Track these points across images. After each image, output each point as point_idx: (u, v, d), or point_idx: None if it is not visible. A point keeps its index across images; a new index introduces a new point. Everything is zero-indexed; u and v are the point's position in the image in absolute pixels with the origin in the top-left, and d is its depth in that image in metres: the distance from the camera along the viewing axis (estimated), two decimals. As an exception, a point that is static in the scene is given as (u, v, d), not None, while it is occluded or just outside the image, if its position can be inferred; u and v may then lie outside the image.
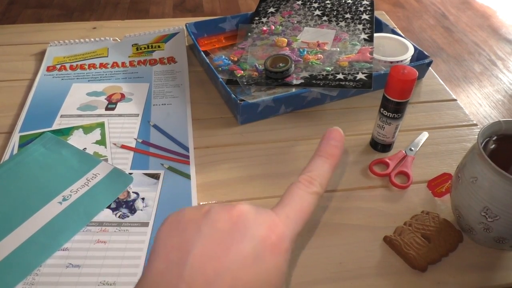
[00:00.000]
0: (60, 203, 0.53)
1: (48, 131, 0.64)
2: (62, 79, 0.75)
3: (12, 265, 0.47)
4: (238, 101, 0.65)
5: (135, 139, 0.64)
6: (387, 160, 0.62)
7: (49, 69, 0.78)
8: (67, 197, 0.54)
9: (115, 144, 0.63)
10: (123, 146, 0.62)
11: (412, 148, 0.65)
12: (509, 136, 0.50)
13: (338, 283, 0.48)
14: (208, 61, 0.74)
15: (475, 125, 0.71)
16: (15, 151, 0.61)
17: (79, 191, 0.55)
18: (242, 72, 0.74)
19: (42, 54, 0.83)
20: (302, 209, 0.29)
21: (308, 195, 0.30)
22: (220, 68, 0.76)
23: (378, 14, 0.96)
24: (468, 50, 2.39)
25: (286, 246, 0.27)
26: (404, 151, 0.64)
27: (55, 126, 0.65)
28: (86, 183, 0.56)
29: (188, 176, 0.58)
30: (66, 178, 0.56)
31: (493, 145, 0.49)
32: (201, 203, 0.56)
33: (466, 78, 2.14)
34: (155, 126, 0.66)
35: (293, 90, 0.70)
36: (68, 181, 0.56)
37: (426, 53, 0.78)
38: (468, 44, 2.44)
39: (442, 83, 0.80)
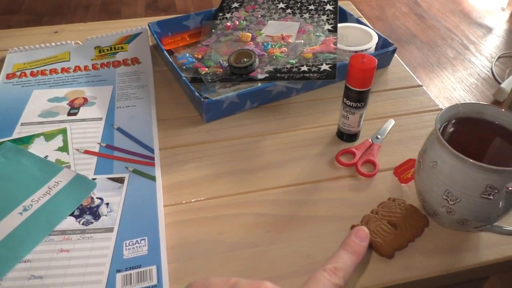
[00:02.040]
0: (21, 213, 0.52)
1: (7, 140, 0.62)
2: (22, 86, 0.74)
3: None
4: (202, 99, 0.65)
5: (98, 143, 0.63)
6: (354, 150, 0.62)
7: (8, 76, 0.76)
8: (28, 207, 0.53)
9: (77, 149, 0.62)
10: (86, 152, 0.61)
11: (379, 136, 0.65)
12: (467, 119, 0.50)
13: (306, 275, 0.47)
14: (171, 59, 0.73)
15: (440, 109, 0.71)
16: (-26, 163, 0.59)
17: (40, 200, 0.54)
18: (207, 69, 0.73)
19: (1, 61, 0.81)
20: None
21: (330, 285, 0.32)
22: (184, 67, 0.75)
23: (343, 4, 0.96)
24: (441, 35, 2.41)
25: None
26: (370, 140, 0.64)
27: (15, 135, 0.64)
28: (48, 192, 0.55)
29: (153, 178, 0.57)
30: (26, 188, 0.55)
31: (452, 129, 0.50)
32: (166, 203, 0.55)
33: (440, 64, 2.16)
34: (119, 129, 0.65)
35: (259, 84, 0.69)
36: (28, 190, 0.55)
37: (390, 40, 0.79)
38: (440, 30, 2.47)
39: (408, 70, 0.81)
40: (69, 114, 0.68)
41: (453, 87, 1.99)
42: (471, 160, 0.43)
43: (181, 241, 0.51)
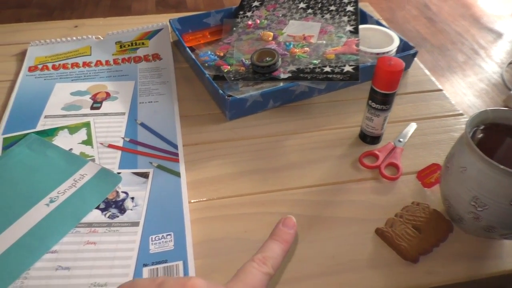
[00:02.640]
0: (47, 205, 0.52)
1: (32, 132, 0.63)
2: (44, 79, 0.74)
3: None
4: (226, 97, 0.65)
5: (122, 138, 0.63)
6: (377, 152, 0.62)
7: (31, 69, 0.76)
8: (54, 198, 0.53)
9: (102, 143, 0.62)
10: (110, 146, 0.61)
11: (401, 140, 0.65)
12: (496, 124, 0.50)
13: (332, 276, 0.48)
14: (194, 57, 0.73)
15: (461, 114, 0.71)
16: (-1, 154, 0.59)
17: (66, 192, 0.54)
18: (229, 67, 0.73)
19: (22, 54, 0.81)
20: (254, 286, 0.32)
21: (260, 274, 0.33)
22: (206, 64, 0.75)
23: (362, 5, 0.95)
24: (451, 39, 2.41)
25: None
26: (393, 143, 0.64)
27: (39, 127, 0.64)
28: (74, 184, 0.55)
29: (177, 174, 0.58)
30: (52, 180, 0.55)
31: (481, 134, 0.50)
32: (192, 200, 0.55)
33: (450, 68, 2.16)
34: (142, 124, 0.65)
35: (281, 84, 0.69)
36: (54, 182, 0.55)
37: (411, 44, 0.79)
38: (450, 34, 2.47)
39: (428, 73, 0.81)
40: (92, 108, 0.68)
41: (463, 92, 1.99)
42: (501, 167, 0.43)
43: (206, 238, 0.51)
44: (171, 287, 0.29)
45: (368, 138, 0.64)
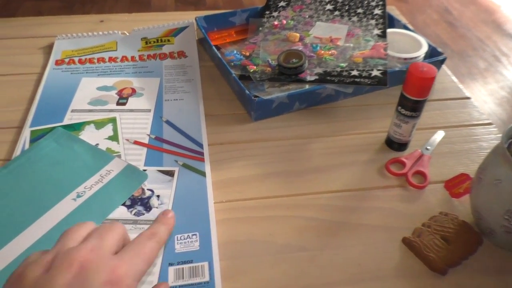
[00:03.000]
0: (74, 199, 0.52)
1: (59, 126, 0.63)
2: (71, 73, 0.74)
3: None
4: (253, 97, 0.64)
5: (148, 135, 0.63)
6: (404, 159, 0.61)
7: (57, 62, 0.77)
8: (81, 193, 0.53)
9: (127, 140, 0.62)
10: (136, 142, 0.61)
11: (428, 147, 0.64)
12: (533, 137, 0.49)
13: (357, 284, 0.47)
14: (220, 55, 0.73)
15: (491, 124, 0.70)
16: (27, 146, 0.60)
17: (93, 187, 0.54)
18: (255, 67, 0.73)
19: (49, 47, 0.81)
20: (144, 253, 0.34)
21: (150, 243, 0.35)
22: (232, 63, 0.75)
23: (389, 9, 0.94)
24: (472, 45, 2.38)
25: (129, 283, 0.31)
26: (420, 150, 0.63)
27: (66, 121, 0.64)
28: (100, 180, 0.55)
29: (203, 174, 0.57)
30: (79, 175, 0.56)
31: (517, 147, 0.49)
32: (216, 201, 0.55)
33: (470, 75, 2.13)
34: (168, 122, 0.65)
35: (307, 86, 0.69)
36: (81, 177, 0.55)
37: (439, 49, 0.77)
38: (472, 40, 2.43)
39: (455, 80, 0.80)
40: (118, 103, 0.68)
41: (484, 99, 1.96)
42: (539, 181, 0.42)
43: (232, 239, 0.51)
44: (58, 267, 0.29)
45: (395, 144, 0.63)
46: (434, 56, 0.78)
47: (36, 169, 0.56)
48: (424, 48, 0.76)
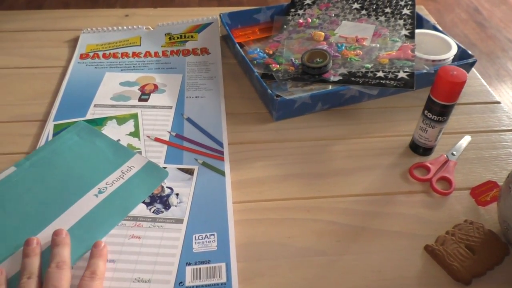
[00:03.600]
0: (96, 195, 0.53)
1: (82, 120, 0.63)
2: (95, 68, 0.75)
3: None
4: (275, 97, 0.64)
5: (168, 132, 0.63)
6: (428, 165, 0.60)
7: (82, 56, 0.77)
8: (103, 189, 0.53)
9: (148, 136, 0.62)
10: (156, 139, 0.61)
11: (454, 153, 0.62)
12: None
13: (378, 292, 0.46)
14: (243, 53, 0.72)
15: (521, 130, 0.67)
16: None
17: (114, 183, 0.54)
18: (278, 66, 0.72)
19: (74, 41, 0.82)
20: None
21: (93, 282, 0.43)
22: (255, 61, 0.74)
23: (417, 8, 0.92)
24: (502, 47, 2.31)
25: None
26: (445, 156, 0.62)
27: (88, 116, 0.65)
28: (122, 176, 0.55)
29: (222, 173, 0.57)
30: (101, 170, 0.56)
31: (550, 156, 0.47)
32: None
33: (498, 77, 2.07)
34: (189, 120, 0.65)
35: (330, 87, 0.67)
36: (103, 173, 0.55)
37: (470, 52, 0.75)
38: (501, 41, 2.36)
39: (485, 84, 0.77)
40: (140, 99, 0.68)
41: (512, 102, 1.91)
42: None
43: (250, 240, 0.50)
44: None
45: (420, 149, 0.62)
46: (463, 58, 0.75)
47: (59, 163, 0.57)
48: (454, 50, 0.74)
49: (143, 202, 0.53)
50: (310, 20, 0.82)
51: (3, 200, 0.52)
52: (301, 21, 0.82)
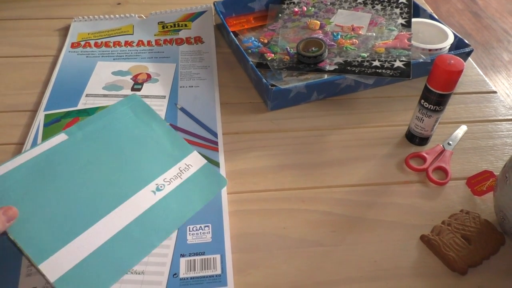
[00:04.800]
0: (154, 192, 0.49)
1: (73, 110, 0.62)
2: (87, 57, 0.73)
3: (106, 258, 0.43)
4: (270, 86, 0.63)
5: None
6: (424, 154, 0.59)
7: (73, 45, 0.76)
8: (161, 187, 0.50)
9: (141, 126, 0.61)
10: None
11: (451, 142, 0.62)
12: None
13: (373, 282, 0.46)
14: (237, 42, 0.71)
15: (517, 120, 0.67)
16: (40, 130, 0.59)
17: (172, 182, 0.51)
18: (273, 55, 0.71)
19: (65, 29, 0.81)
20: None
21: None
22: (249, 50, 0.73)
23: (414, -3, 0.91)
24: (497, 37, 2.30)
25: None
26: (442, 145, 0.61)
27: (80, 106, 0.63)
28: (179, 175, 0.51)
29: (217, 164, 0.56)
30: (158, 161, 0.52)
31: (547, 145, 0.46)
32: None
33: (494, 67, 2.07)
34: (182, 109, 0.64)
35: (326, 76, 0.67)
36: (161, 165, 0.51)
37: (466, 41, 0.74)
38: (497, 31, 2.36)
39: (482, 73, 0.76)
40: (132, 89, 0.67)
41: (507, 93, 1.91)
42: None
43: (244, 231, 0.50)
44: None
45: (416, 139, 0.61)
46: (460, 47, 0.74)
47: (114, 141, 0.52)
48: (450, 39, 0.73)
49: (137, 193, 0.52)
50: (305, 8, 0.81)
51: (54, 174, 0.47)
52: (296, 9, 0.81)
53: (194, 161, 0.53)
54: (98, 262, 0.43)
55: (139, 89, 0.67)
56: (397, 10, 0.79)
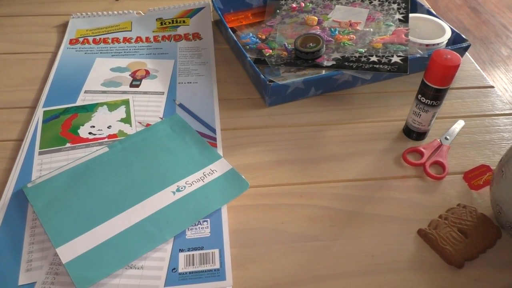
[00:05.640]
0: (174, 193, 0.51)
1: (72, 106, 0.63)
2: (85, 53, 0.73)
3: (115, 248, 0.46)
4: (268, 82, 0.63)
5: (160, 118, 0.62)
6: (422, 149, 0.60)
7: (72, 42, 0.76)
8: (181, 188, 0.52)
9: (140, 122, 0.61)
10: (148, 125, 0.61)
11: (448, 137, 0.62)
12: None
13: (371, 276, 0.46)
14: (235, 38, 0.71)
15: (514, 114, 0.67)
16: (39, 127, 0.60)
17: (193, 184, 0.52)
18: (271, 51, 0.71)
19: (64, 26, 0.81)
20: None
21: None
22: (247, 47, 0.73)
23: (412, -7, 0.91)
24: (496, 32, 2.30)
25: None
26: (439, 140, 0.61)
27: (79, 102, 0.64)
28: (202, 178, 0.53)
29: (215, 159, 0.57)
30: (184, 167, 0.54)
31: (543, 139, 0.46)
32: (228, 188, 0.54)
33: (492, 62, 2.07)
34: (181, 105, 0.64)
35: (323, 72, 0.67)
36: (185, 170, 0.54)
37: (463, 36, 0.74)
38: (495, 26, 2.36)
39: (479, 68, 0.77)
40: (131, 85, 0.67)
41: (505, 88, 1.91)
42: None
43: (243, 226, 0.50)
44: None
45: (414, 133, 0.61)
46: (457, 42, 0.75)
47: (147, 151, 0.56)
48: (448, 34, 0.73)
49: (136, 189, 0.53)
50: (303, 4, 0.81)
51: (90, 177, 0.53)
52: (294, 5, 0.81)
53: (219, 167, 0.55)
54: (108, 250, 0.46)
55: (137, 85, 0.67)
56: (395, 6, 0.79)
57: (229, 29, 0.73)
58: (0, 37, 0.78)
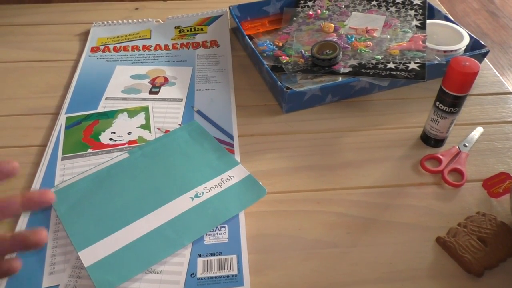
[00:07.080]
0: (192, 198, 0.52)
1: (94, 113, 0.64)
2: (106, 61, 0.75)
3: (136, 252, 0.47)
4: (285, 89, 0.63)
5: (179, 124, 0.63)
6: (440, 156, 0.59)
7: (93, 50, 0.78)
8: (200, 194, 0.53)
9: (159, 129, 0.62)
10: (167, 132, 0.62)
11: (466, 144, 0.62)
12: None
13: (389, 284, 0.46)
14: (252, 46, 0.72)
15: (534, 121, 0.66)
16: (62, 133, 0.61)
17: (211, 190, 0.53)
18: (288, 58, 0.72)
19: (85, 34, 0.83)
20: None
21: None
22: (264, 54, 0.74)
23: (429, -1, 0.91)
24: (515, 37, 2.27)
25: None
26: (457, 147, 0.61)
27: (100, 109, 0.65)
28: (220, 184, 0.54)
29: (233, 165, 0.57)
30: (202, 173, 0.55)
31: None
32: (246, 194, 0.55)
33: (511, 67, 2.04)
34: (199, 112, 0.65)
35: (340, 78, 0.67)
36: (204, 176, 0.55)
37: (482, 42, 0.74)
38: (514, 31, 2.32)
39: (498, 74, 0.76)
40: (150, 92, 0.69)
41: (525, 93, 1.88)
42: None
43: (260, 232, 0.51)
44: None
45: (432, 140, 0.61)
46: (475, 48, 0.74)
47: (166, 157, 0.57)
48: (466, 41, 0.73)
49: (155, 195, 0.53)
50: (319, 11, 0.81)
51: (111, 182, 0.54)
52: (310, 12, 0.81)
53: (237, 173, 0.55)
54: (128, 254, 0.47)
55: (156, 92, 0.69)
56: (412, 12, 0.79)
57: (246, 37, 0.74)
58: (25, 45, 0.80)
